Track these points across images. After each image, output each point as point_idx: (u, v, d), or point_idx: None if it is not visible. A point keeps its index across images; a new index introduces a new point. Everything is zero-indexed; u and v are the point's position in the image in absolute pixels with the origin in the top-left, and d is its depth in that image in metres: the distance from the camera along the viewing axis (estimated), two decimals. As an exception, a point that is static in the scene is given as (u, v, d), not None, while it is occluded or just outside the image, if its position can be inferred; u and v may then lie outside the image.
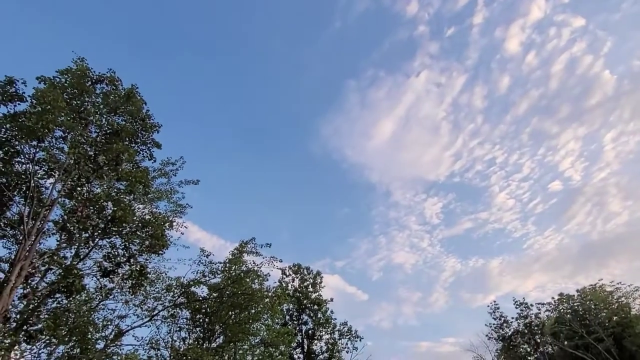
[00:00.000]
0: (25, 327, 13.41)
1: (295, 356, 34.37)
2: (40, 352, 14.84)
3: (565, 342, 41.32)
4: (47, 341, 14.52)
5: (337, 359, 35.34)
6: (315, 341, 35.09)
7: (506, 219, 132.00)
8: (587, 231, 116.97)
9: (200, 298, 23.09)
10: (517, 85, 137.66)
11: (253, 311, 25.38)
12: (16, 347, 13.58)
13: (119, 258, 16.20)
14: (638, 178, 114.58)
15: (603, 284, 39.70)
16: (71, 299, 15.01)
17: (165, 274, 19.54)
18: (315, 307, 33.63)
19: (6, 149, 13.41)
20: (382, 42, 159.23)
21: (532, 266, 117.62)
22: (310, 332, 34.59)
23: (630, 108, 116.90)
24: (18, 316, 13.38)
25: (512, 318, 42.89)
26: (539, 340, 44.01)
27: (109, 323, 18.04)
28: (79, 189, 14.75)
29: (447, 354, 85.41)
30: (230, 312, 25.15)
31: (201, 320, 25.39)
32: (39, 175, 14.11)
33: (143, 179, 15.23)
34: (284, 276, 33.84)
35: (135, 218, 15.42)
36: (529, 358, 44.54)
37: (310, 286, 33.97)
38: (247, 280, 23.43)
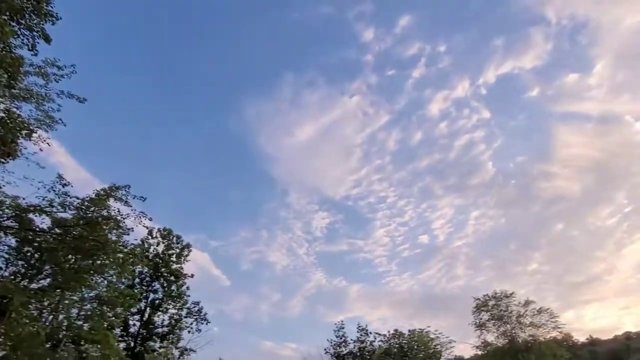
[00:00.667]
0: None
1: (131, 322, 31.75)
2: None
3: (385, 372, 46.57)
4: None
5: (177, 336, 33.78)
6: (160, 313, 33.00)
7: (377, 253, 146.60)
8: (433, 284, 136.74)
9: (38, 229, 19.74)
10: (426, 143, 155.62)
11: (99, 262, 22.76)
12: None
13: (-61, 147, 12.90)
14: (481, 254, 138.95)
15: (429, 331, 46.05)
16: None
17: (0, 188, 16.24)
18: (172, 278, 31.65)
19: None
20: (332, 51, 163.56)
21: (383, 299, 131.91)
22: (157, 302, 32.39)
23: (495, 198, 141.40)
24: None
25: (351, 340, 46.70)
26: (365, 365, 48.81)
27: None
28: None
29: (286, 357, 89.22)
30: (70, 256, 22.14)
31: (29, 254, 21.76)
32: None
33: (12, 68, 12.46)
34: (150, 237, 31.14)
35: (-18, 109, 12.49)
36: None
37: (174, 256, 31.87)
38: (105, 227, 20.96)
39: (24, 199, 17.67)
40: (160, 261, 31.21)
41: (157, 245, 31.62)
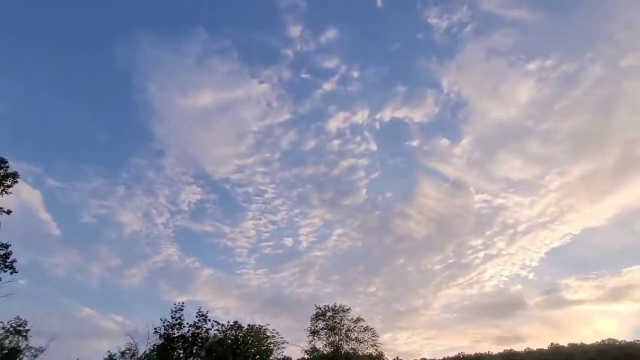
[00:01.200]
0: None
1: None
2: None
3: (213, 361, 45.70)
4: None
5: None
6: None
7: (240, 243, 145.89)
8: (285, 286, 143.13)
9: None
10: (317, 154, 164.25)
11: None
12: None
13: None
14: (334, 269, 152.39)
15: (267, 328, 47.20)
16: None
17: None
18: (-21, 208, 25.13)
19: None
20: (255, 29, 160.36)
21: (233, 290, 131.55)
22: (-54, 232, 25.23)
23: (359, 223, 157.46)
24: None
25: (187, 324, 44.57)
26: (194, 351, 47.00)
27: None
28: None
29: (105, 329, 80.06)
30: None
31: None
32: None
33: None
34: (-39, 150, 24.14)
35: None
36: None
37: (-9, 182, 25.42)
38: None
39: None
40: (-33, 183, 24.48)
41: (-31, 163, 24.73)
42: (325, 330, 41.70)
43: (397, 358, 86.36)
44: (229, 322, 46.58)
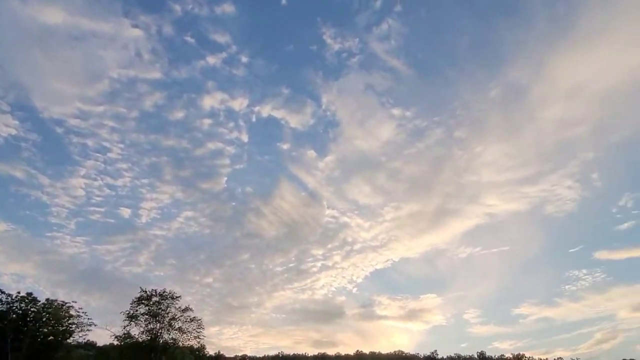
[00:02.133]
0: None
1: None
2: None
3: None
4: None
5: None
6: None
7: (60, 200, 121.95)
8: (108, 261, 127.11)
9: None
10: (182, 126, 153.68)
11: None
12: None
13: None
14: (172, 252, 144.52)
15: (72, 306, 40.13)
16: None
17: None
18: None
19: None
20: None
21: (35, 255, 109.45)
22: None
23: (212, 210, 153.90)
24: None
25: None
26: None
27: None
28: None
29: None
30: None
31: None
32: None
33: None
34: None
35: None
36: None
37: None
38: None
39: None
40: None
41: None
42: (146, 317, 37.85)
43: (219, 352, 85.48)
44: (19, 292, 37.90)
